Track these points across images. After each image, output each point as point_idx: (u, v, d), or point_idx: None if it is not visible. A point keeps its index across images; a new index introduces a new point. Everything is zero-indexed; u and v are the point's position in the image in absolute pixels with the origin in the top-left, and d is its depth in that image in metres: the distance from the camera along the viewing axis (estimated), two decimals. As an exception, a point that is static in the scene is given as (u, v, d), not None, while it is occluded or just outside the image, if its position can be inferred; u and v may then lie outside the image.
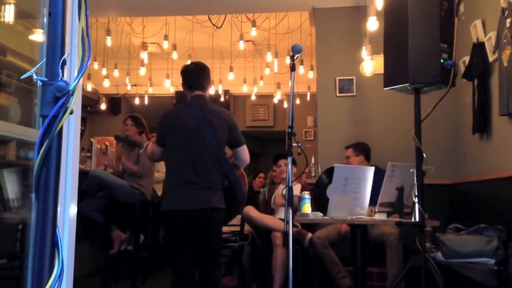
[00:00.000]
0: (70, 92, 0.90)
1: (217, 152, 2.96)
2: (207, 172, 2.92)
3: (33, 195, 2.03)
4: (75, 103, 1.69)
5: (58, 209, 1.59)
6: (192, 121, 2.96)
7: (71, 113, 0.92)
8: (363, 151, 4.26)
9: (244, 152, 3.13)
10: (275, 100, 8.30)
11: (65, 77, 0.95)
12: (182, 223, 2.88)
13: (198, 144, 2.93)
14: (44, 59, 0.92)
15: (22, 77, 0.96)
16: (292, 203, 2.31)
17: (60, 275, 0.89)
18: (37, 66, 0.94)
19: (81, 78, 1.82)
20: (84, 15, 0.99)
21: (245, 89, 7.93)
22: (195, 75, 3.09)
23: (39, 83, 0.90)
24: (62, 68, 0.92)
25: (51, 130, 0.89)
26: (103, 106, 8.66)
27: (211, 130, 2.94)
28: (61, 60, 0.91)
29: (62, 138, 0.91)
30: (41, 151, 0.88)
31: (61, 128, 0.90)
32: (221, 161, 2.99)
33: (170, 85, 7.77)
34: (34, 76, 0.90)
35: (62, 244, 1.60)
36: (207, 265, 2.93)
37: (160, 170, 5.25)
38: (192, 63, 3.21)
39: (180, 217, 2.87)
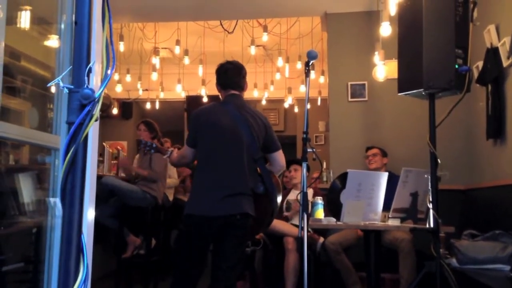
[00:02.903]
0: (96, 100, 0.91)
1: (254, 154, 2.77)
2: (242, 175, 2.70)
3: (48, 200, 2.04)
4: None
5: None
6: (228, 119, 2.76)
7: (96, 120, 0.94)
8: (387, 155, 4.31)
9: (282, 157, 2.93)
10: (286, 105, 8.31)
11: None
12: (204, 230, 2.65)
13: (235, 144, 2.73)
14: (70, 67, 0.94)
15: (49, 84, 0.98)
16: (307, 209, 2.31)
17: (85, 280, 0.91)
18: (63, 74, 0.95)
19: (98, 84, 1.84)
20: (108, 23, 1.01)
21: (255, 94, 7.95)
22: (231, 74, 2.90)
23: (66, 90, 0.91)
24: (88, 76, 0.93)
25: (77, 137, 0.90)
26: (114, 111, 8.73)
27: (249, 130, 2.75)
28: (87, 68, 0.93)
29: (87, 145, 0.93)
30: (67, 158, 0.89)
31: (87, 135, 0.92)
32: (257, 164, 2.79)
33: (181, 90, 7.82)
34: (61, 84, 0.92)
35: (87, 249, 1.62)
36: (228, 273, 2.66)
37: (172, 175, 5.27)
38: (227, 61, 2.98)
39: (205, 223, 2.65)
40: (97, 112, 0.92)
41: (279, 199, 2.88)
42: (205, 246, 2.74)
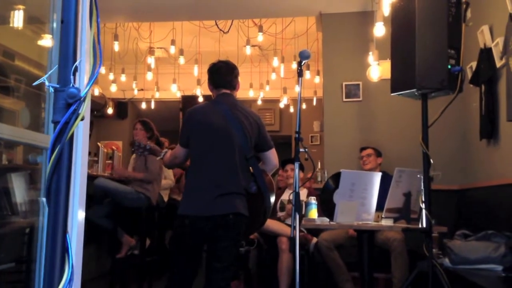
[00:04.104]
0: (82, 99, 0.91)
1: (246, 153, 2.76)
2: (234, 174, 2.70)
3: (41, 200, 2.03)
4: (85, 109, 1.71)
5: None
6: (221, 118, 2.76)
7: (82, 119, 0.93)
8: (381, 155, 4.31)
9: (275, 155, 2.92)
10: (281, 105, 8.31)
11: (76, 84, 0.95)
12: (198, 230, 2.65)
13: (227, 143, 2.73)
14: (56, 66, 0.93)
15: (35, 83, 0.97)
16: (299, 209, 2.31)
17: (70, 281, 0.90)
18: (49, 73, 0.95)
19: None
20: (95, 22, 1.00)
21: (251, 94, 7.94)
22: (224, 73, 2.89)
23: (51, 89, 0.91)
24: (74, 75, 0.93)
25: (63, 136, 0.89)
26: (110, 111, 8.71)
27: (241, 129, 2.75)
28: (73, 67, 0.92)
29: (73, 144, 0.92)
30: (53, 157, 0.89)
31: (72, 134, 0.91)
32: (249, 163, 2.78)
33: (176, 90, 7.81)
34: (47, 83, 0.91)
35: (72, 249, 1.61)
36: (222, 273, 2.65)
37: (168, 177, 5.27)
38: (220, 60, 2.97)
39: (198, 223, 2.64)
40: (83, 111, 0.92)
41: (272, 198, 2.86)
42: (198, 246, 2.74)
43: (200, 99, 7.46)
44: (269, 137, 2.91)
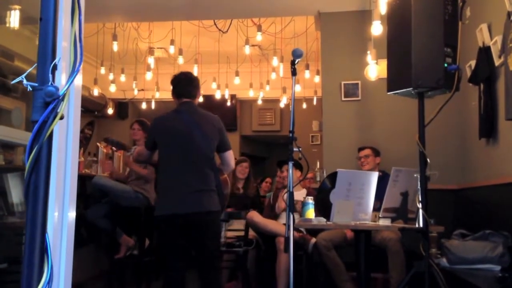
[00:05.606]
0: (60, 97, 0.89)
1: (209, 153, 3.06)
2: (199, 173, 3.00)
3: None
4: (74, 108, 1.69)
5: (56, 214, 1.59)
6: (182, 124, 3.07)
7: (61, 118, 0.92)
8: (379, 154, 4.28)
9: (231, 157, 3.25)
10: (282, 105, 8.29)
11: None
12: (175, 228, 2.95)
13: (189, 145, 3.02)
14: (35, 65, 0.92)
15: (13, 82, 0.96)
16: (293, 208, 2.29)
17: (49, 282, 0.89)
18: (27, 72, 0.93)
19: (78, 83, 1.81)
20: (77, 19, 0.99)
21: (251, 94, 7.93)
22: (184, 84, 3.23)
23: (29, 88, 0.90)
24: (53, 73, 0.91)
25: (41, 135, 0.88)
26: (110, 111, 8.69)
27: (201, 132, 3.04)
28: (52, 65, 0.91)
29: (52, 144, 0.91)
30: (31, 157, 0.88)
31: (51, 134, 0.90)
32: (211, 162, 3.08)
33: (176, 90, 7.78)
34: (24, 81, 0.90)
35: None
36: (206, 269, 2.97)
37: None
38: (181, 73, 3.34)
39: (173, 221, 2.94)
40: (61, 110, 0.90)
41: (226, 192, 3.24)
42: (177, 241, 2.97)
43: (200, 99, 7.43)
44: (228, 139, 3.24)
